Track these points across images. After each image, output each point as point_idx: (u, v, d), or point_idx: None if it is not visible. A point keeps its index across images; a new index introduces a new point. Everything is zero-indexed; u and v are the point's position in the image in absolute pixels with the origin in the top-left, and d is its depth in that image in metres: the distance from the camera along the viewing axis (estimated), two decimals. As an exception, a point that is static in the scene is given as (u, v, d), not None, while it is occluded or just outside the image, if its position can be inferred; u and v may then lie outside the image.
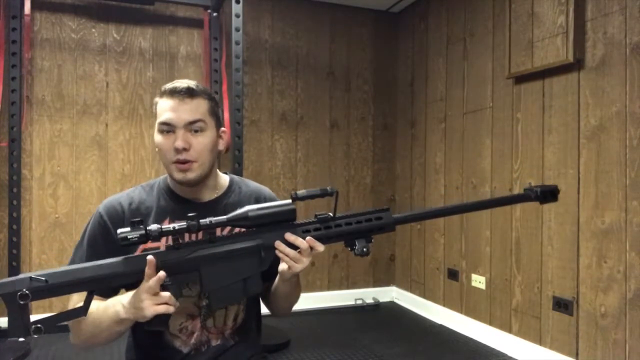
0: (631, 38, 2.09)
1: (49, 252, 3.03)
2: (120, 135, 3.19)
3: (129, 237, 0.97)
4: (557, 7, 2.35)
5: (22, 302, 0.92)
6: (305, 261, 1.06)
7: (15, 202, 2.83)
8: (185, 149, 1.14)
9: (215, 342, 1.20)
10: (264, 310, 1.33)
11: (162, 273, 1.00)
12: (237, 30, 2.77)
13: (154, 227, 0.98)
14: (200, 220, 1.00)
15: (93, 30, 3.15)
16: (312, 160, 3.61)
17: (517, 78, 2.64)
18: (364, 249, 1.07)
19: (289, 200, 1.06)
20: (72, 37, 3.10)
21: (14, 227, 2.83)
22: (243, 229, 1.08)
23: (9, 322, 0.93)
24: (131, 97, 3.21)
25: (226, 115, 3.18)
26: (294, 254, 1.05)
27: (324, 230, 1.07)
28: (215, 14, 3.27)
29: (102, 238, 1.19)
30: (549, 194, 1.21)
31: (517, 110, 2.67)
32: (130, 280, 1.02)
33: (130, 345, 1.25)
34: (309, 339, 2.89)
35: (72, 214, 3.08)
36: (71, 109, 3.10)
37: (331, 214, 1.08)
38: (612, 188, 2.15)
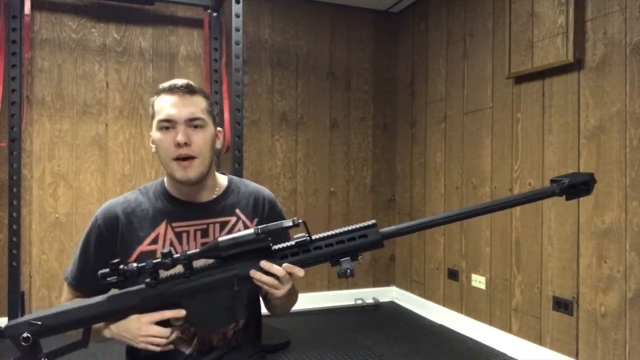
0: (631, 38, 2.09)
1: (49, 252, 3.03)
2: (120, 135, 3.19)
3: (108, 279, 1.00)
4: (557, 7, 2.35)
5: (24, 344, 1.01)
6: (286, 287, 1.03)
7: (15, 202, 2.83)
8: (186, 144, 1.15)
9: (217, 343, 1.20)
10: (264, 310, 1.32)
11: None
12: (237, 30, 2.77)
13: (131, 266, 1.00)
14: (174, 255, 1.00)
15: (93, 30, 3.15)
16: (312, 160, 3.61)
17: (517, 78, 2.64)
18: (348, 270, 1.00)
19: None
20: (72, 37, 3.10)
21: (14, 227, 2.83)
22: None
23: (21, 354, 1.03)
24: (131, 97, 3.21)
25: (226, 115, 3.18)
26: (271, 281, 1.01)
27: (302, 254, 1.03)
28: (215, 14, 3.27)
29: (94, 243, 1.21)
30: (579, 185, 0.98)
31: (517, 110, 2.67)
32: (119, 316, 1.05)
33: (131, 347, 1.24)
34: (309, 339, 2.89)
35: (72, 214, 3.08)
36: (71, 109, 3.10)
37: (307, 237, 1.02)
38: (612, 188, 2.15)
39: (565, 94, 2.38)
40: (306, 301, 3.41)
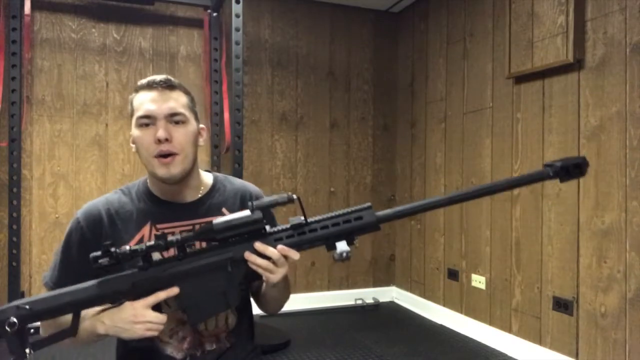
0: (631, 38, 2.09)
1: (49, 252, 3.03)
2: (120, 135, 3.19)
3: (99, 261, 0.97)
4: (557, 7, 2.35)
5: (9, 330, 0.96)
6: (281, 270, 1.00)
7: (15, 202, 2.83)
8: (167, 140, 1.10)
9: (209, 347, 1.17)
10: (260, 311, 1.31)
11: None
12: (237, 30, 2.77)
13: (124, 249, 0.97)
14: (168, 238, 0.98)
15: (93, 30, 3.15)
16: (312, 160, 3.61)
17: (517, 78, 2.64)
18: (343, 254, 0.99)
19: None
20: (72, 37, 3.10)
21: (14, 227, 2.83)
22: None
23: (7, 346, 0.99)
24: (131, 97, 3.21)
25: (226, 115, 3.18)
26: (266, 264, 0.99)
27: (297, 237, 1.01)
28: (215, 14, 3.27)
29: (77, 245, 1.16)
30: (572, 168, 0.99)
31: (517, 110, 2.67)
32: (109, 301, 1.02)
33: (121, 355, 1.20)
34: (309, 339, 2.89)
35: (72, 214, 3.07)
36: (71, 109, 3.10)
37: (303, 220, 1.01)
38: (612, 188, 2.15)
39: (565, 94, 2.38)
40: (306, 301, 3.41)
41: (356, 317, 3.37)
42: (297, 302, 3.34)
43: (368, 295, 3.67)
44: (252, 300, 1.29)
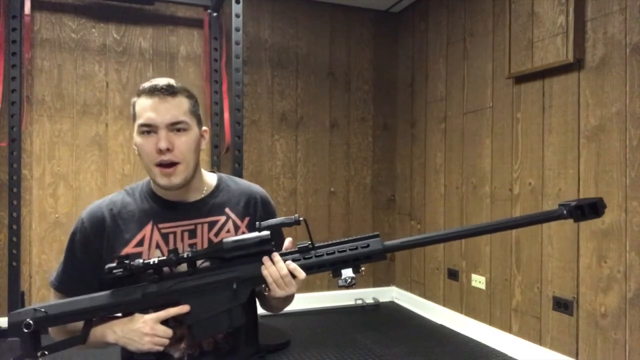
0: (631, 38, 2.09)
1: (49, 252, 3.03)
2: (120, 135, 3.19)
3: (114, 271, 1.01)
4: (557, 7, 2.35)
5: (25, 330, 1.02)
6: (287, 290, 1.03)
7: (15, 202, 2.83)
8: (169, 150, 1.10)
9: (207, 347, 1.16)
10: (262, 311, 1.31)
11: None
12: (237, 30, 2.77)
13: (137, 262, 1.01)
14: (179, 254, 1.02)
15: (93, 30, 3.15)
16: (312, 160, 3.61)
17: (517, 78, 2.64)
18: (347, 281, 1.02)
19: (267, 232, 1.03)
20: (72, 37, 3.10)
21: (14, 227, 2.83)
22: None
23: (20, 346, 1.04)
24: (131, 97, 3.18)
25: (226, 115, 3.18)
26: (277, 276, 1.02)
27: (304, 260, 1.04)
28: (215, 14, 3.27)
29: (81, 245, 1.18)
30: (587, 209, 0.98)
31: (517, 110, 2.67)
32: (122, 311, 1.05)
33: (122, 354, 1.20)
34: (309, 339, 2.89)
35: (72, 214, 3.08)
36: (71, 109, 3.10)
37: (310, 244, 1.04)
38: (612, 188, 2.15)
39: (565, 94, 2.38)
40: (306, 301, 3.41)
41: (356, 317, 3.37)
42: (297, 302, 3.31)
43: (368, 295, 3.67)
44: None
